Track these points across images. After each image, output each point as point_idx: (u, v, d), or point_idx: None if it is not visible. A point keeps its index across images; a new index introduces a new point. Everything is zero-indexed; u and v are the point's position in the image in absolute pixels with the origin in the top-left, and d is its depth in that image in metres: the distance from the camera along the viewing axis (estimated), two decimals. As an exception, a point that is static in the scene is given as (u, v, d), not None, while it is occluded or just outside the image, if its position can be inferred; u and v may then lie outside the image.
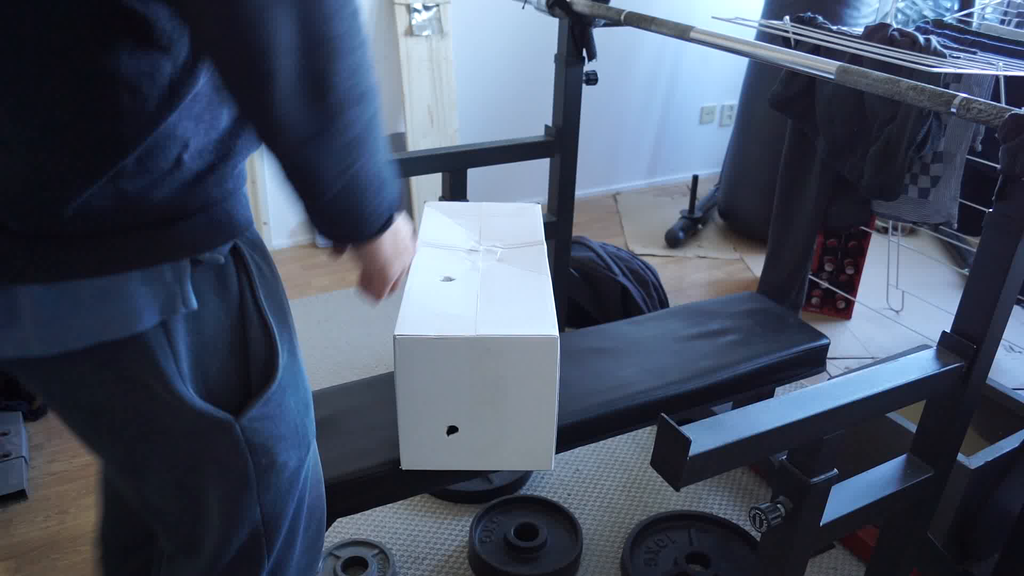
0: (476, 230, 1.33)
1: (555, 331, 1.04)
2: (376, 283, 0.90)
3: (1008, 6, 2.37)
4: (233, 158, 0.72)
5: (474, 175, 1.83)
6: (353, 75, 0.66)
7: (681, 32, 1.52)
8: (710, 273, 2.89)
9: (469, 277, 1.18)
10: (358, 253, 0.84)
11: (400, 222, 0.86)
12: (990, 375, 1.20)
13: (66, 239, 0.65)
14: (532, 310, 1.09)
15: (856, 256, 2.47)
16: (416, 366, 1.05)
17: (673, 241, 3.07)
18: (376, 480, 1.17)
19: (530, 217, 1.38)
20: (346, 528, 1.67)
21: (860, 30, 1.70)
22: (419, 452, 1.12)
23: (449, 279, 1.18)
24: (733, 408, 1.31)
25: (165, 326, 0.70)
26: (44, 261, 0.65)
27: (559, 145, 1.90)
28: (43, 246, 0.65)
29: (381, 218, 0.78)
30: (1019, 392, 1.70)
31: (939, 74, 1.40)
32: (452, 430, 1.10)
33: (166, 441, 0.77)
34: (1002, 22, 2.32)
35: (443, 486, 1.72)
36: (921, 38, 1.56)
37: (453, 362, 1.05)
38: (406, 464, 1.13)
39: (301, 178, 0.70)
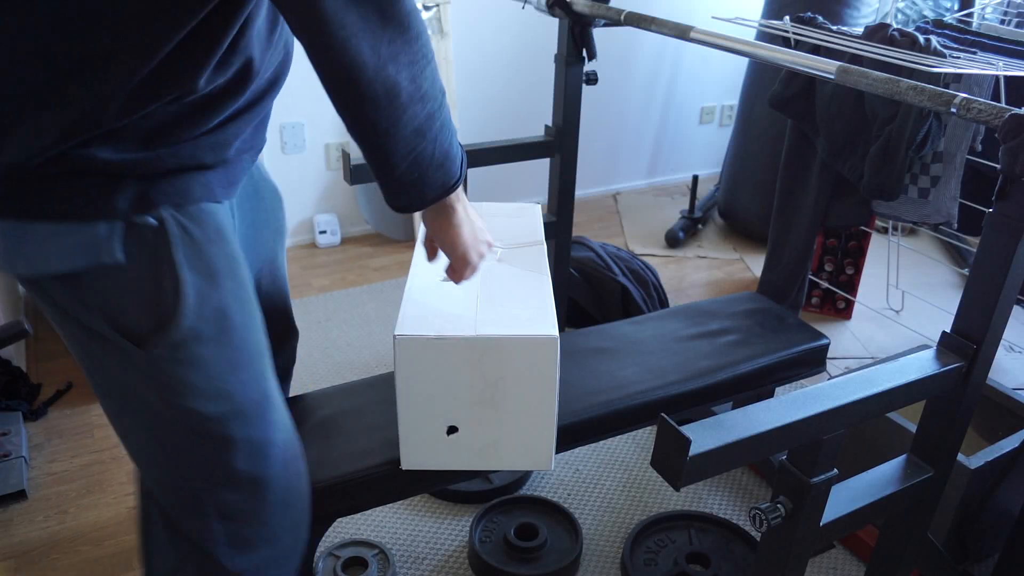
0: None
1: (555, 331, 1.04)
2: (458, 269, 1.05)
3: (1008, 6, 2.37)
4: (174, 146, 0.85)
5: (474, 175, 1.83)
6: (414, 80, 0.85)
7: (681, 32, 1.52)
8: (710, 273, 2.89)
9: None
10: (438, 236, 1.01)
11: (470, 210, 1.02)
12: (990, 375, 1.20)
13: (29, 186, 0.80)
14: (532, 310, 1.09)
15: (856, 256, 2.47)
16: (416, 366, 1.05)
17: (673, 241, 3.07)
18: (376, 480, 1.17)
19: (530, 217, 1.38)
20: (346, 528, 1.67)
21: (860, 30, 1.70)
22: (419, 452, 1.12)
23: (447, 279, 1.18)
24: (733, 408, 1.32)
25: (94, 269, 0.84)
26: (11, 202, 0.81)
27: (559, 145, 1.90)
28: (13, 190, 0.81)
29: (438, 189, 0.94)
30: (1019, 392, 1.70)
31: (939, 74, 1.40)
32: (452, 430, 1.10)
33: (95, 366, 0.93)
34: (1002, 22, 2.32)
35: (443, 486, 1.72)
36: (921, 38, 1.56)
37: (453, 362, 1.05)
38: (406, 464, 1.13)
39: (377, 159, 0.89)
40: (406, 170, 0.90)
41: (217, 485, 0.97)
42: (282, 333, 1.27)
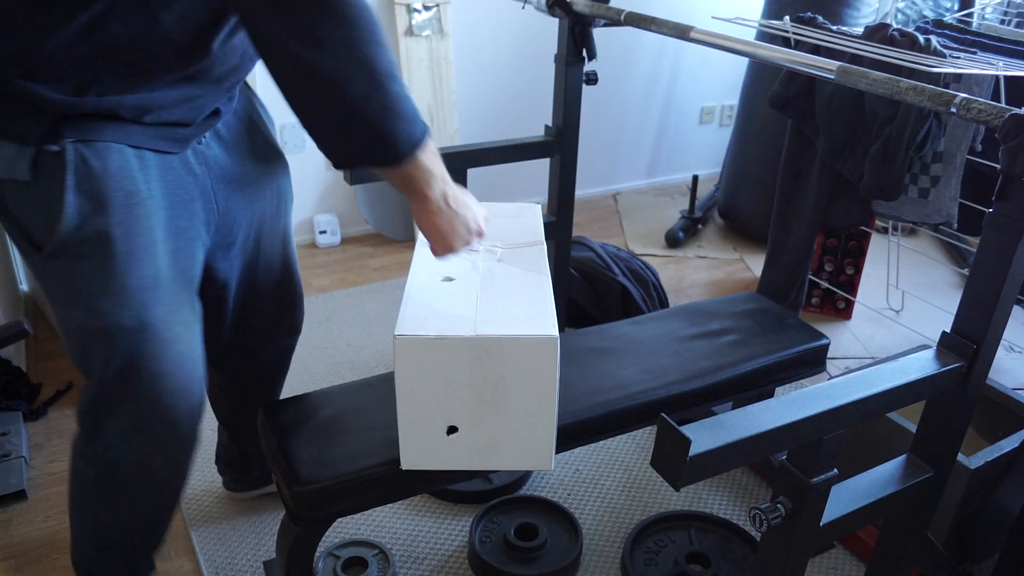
0: None
1: (555, 331, 1.04)
2: (436, 253, 1.14)
3: (1008, 6, 2.37)
4: (100, 97, 0.99)
5: (474, 175, 1.83)
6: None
7: (681, 32, 1.52)
8: (710, 273, 2.89)
9: (469, 277, 1.18)
10: (416, 220, 1.09)
11: (456, 197, 1.09)
12: (990, 375, 1.20)
13: None
14: (532, 310, 1.09)
15: (856, 256, 2.48)
16: (416, 366, 1.05)
17: (673, 241, 3.07)
18: (376, 480, 1.17)
19: (530, 217, 1.38)
20: (346, 528, 1.67)
21: (860, 30, 1.70)
22: (419, 452, 1.12)
23: (449, 279, 1.18)
24: (733, 408, 1.31)
25: (11, 182, 1.00)
26: None
27: (559, 145, 1.90)
28: None
29: (408, 149, 0.99)
30: (1019, 392, 1.70)
31: (939, 74, 1.40)
32: (452, 430, 1.10)
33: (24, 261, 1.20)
34: (1002, 22, 2.32)
35: (443, 486, 1.72)
36: (921, 38, 1.56)
37: (453, 362, 1.05)
38: (406, 464, 1.13)
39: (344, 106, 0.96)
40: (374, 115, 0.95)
41: (96, 378, 1.15)
42: (288, 295, 1.44)
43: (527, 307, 1.10)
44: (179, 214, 1.11)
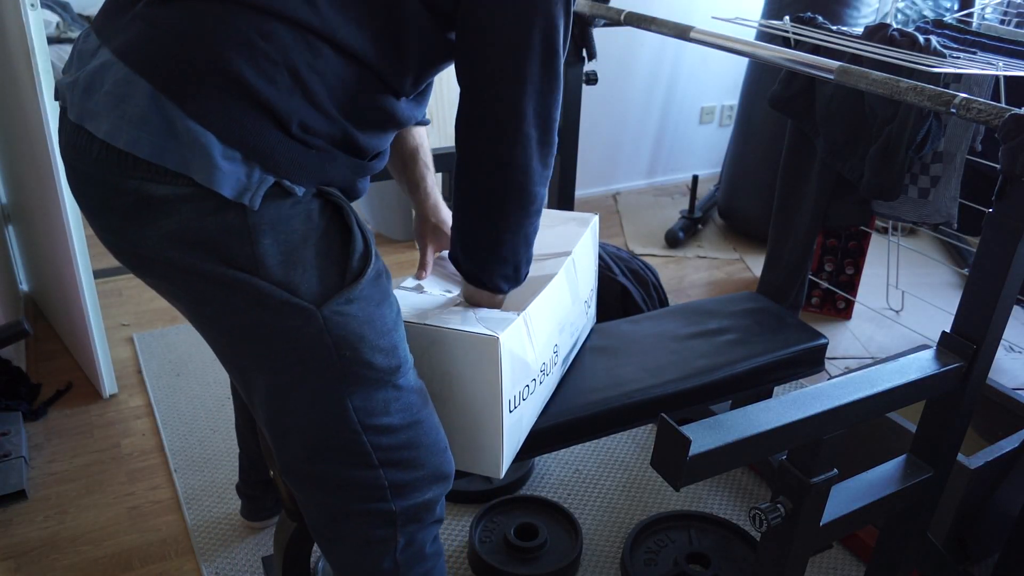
0: None
1: (501, 332, 1.04)
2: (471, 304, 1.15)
3: (1008, 6, 2.37)
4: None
5: (474, 175, 1.83)
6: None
7: (681, 32, 1.52)
8: (710, 273, 2.89)
9: None
10: (474, 294, 1.13)
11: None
12: (990, 375, 1.20)
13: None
14: (500, 315, 1.09)
15: (856, 256, 2.48)
16: None
17: (673, 241, 3.07)
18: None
19: (576, 227, 1.37)
20: (346, 528, 1.67)
21: (860, 30, 1.70)
22: None
23: (448, 292, 1.19)
24: (732, 407, 1.31)
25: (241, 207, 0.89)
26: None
27: (559, 145, 1.90)
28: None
29: (500, 288, 1.11)
30: (1019, 392, 1.70)
31: (939, 74, 1.40)
32: None
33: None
34: (1002, 22, 2.32)
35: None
36: (921, 38, 1.56)
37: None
38: None
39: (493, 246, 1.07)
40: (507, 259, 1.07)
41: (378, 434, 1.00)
42: None
43: (498, 313, 1.10)
44: None
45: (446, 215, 1.28)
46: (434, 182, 1.29)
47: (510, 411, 1.09)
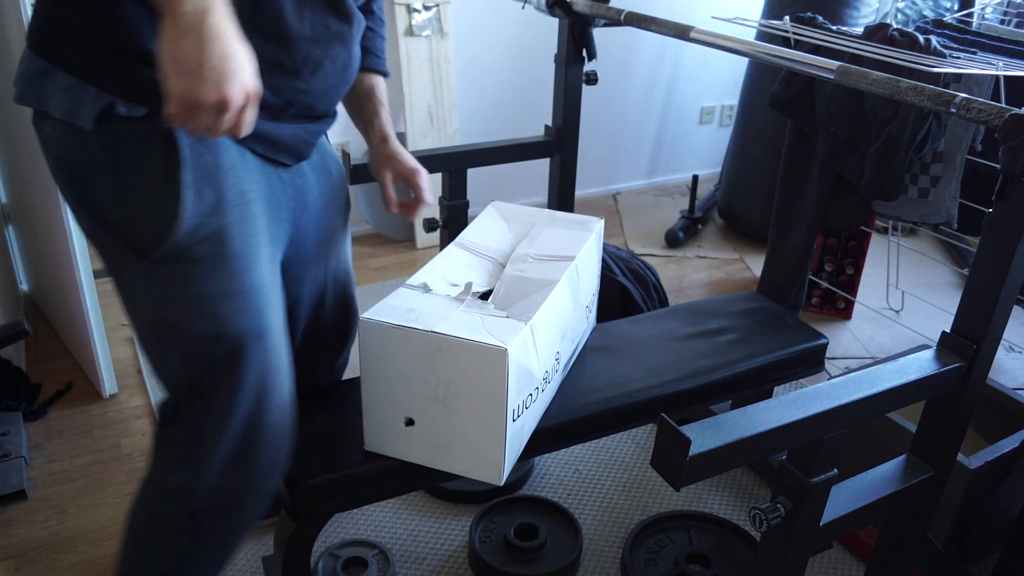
0: (522, 237, 1.33)
1: (509, 343, 1.04)
2: (180, 92, 0.81)
3: (1008, 6, 2.37)
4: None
5: (474, 175, 1.83)
6: None
7: (681, 32, 1.52)
8: (710, 273, 2.89)
9: (475, 281, 1.19)
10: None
11: (230, 26, 0.82)
12: (990, 375, 1.20)
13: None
14: (506, 323, 1.09)
15: (856, 256, 2.48)
16: (378, 352, 1.09)
17: (673, 241, 3.07)
18: (372, 476, 1.17)
19: (582, 231, 1.37)
20: (346, 528, 1.67)
21: (860, 30, 1.70)
22: (380, 437, 1.15)
23: (454, 285, 1.19)
24: (731, 407, 1.31)
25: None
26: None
27: (559, 145, 1.91)
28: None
29: None
30: (1019, 392, 1.70)
31: (939, 74, 1.40)
32: (409, 422, 1.12)
33: None
34: (1002, 22, 2.32)
35: (438, 483, 1.73)
36: (921, 38, 1.56)
37: (409, 354, 1.07)
38: (369, 445, 1.17)
39: None
40: None
41: (206, 399, 1.01)
42: (345, 313, 1.37)
43: (503, 320, 1.10)
44: (272, 220, 1.08)
45: (399, 147, 1.32)
46: (388, 120, 1.33)
47: (513, 420, 1.09)
